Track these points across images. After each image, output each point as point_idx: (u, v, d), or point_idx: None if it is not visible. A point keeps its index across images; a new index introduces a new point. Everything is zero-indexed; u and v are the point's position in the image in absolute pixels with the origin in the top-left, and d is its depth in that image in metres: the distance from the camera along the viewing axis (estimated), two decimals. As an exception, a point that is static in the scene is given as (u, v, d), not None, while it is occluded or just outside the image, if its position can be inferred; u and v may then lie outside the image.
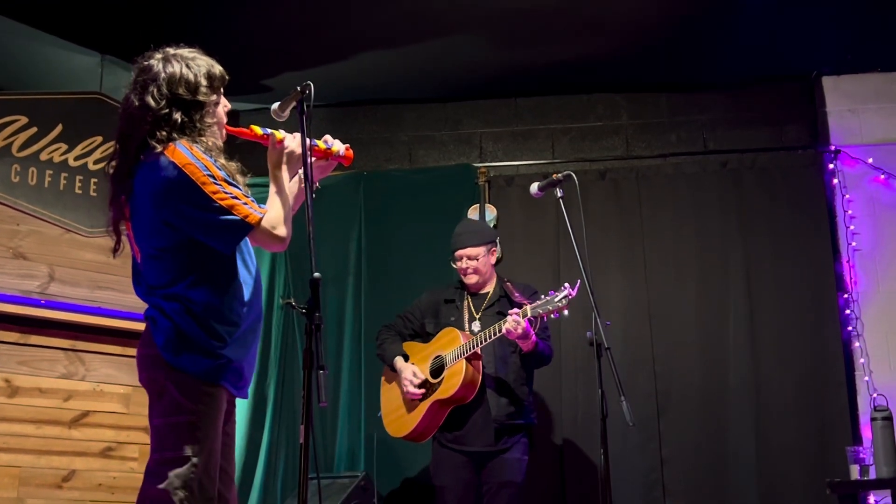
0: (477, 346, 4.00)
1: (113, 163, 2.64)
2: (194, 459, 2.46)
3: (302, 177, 2.74)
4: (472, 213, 5.35)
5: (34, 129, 4.76)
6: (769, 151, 5.30)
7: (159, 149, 2.50)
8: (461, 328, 4.18)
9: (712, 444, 4.91)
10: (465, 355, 4.01)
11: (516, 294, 4.12)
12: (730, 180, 5.26)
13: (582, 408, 5.00)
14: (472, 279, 4.25)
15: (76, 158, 4.86)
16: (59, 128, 4.82)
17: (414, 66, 5.25)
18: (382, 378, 4.42)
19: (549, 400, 5.09)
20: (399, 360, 4.24)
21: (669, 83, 5.53)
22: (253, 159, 2.78)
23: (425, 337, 4.32)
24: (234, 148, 2.74)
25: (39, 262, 4.68)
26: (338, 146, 2.81)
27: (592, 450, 4.89)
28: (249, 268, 2.68)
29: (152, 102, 2.54)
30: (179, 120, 2.55)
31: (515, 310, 3.87)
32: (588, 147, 5.56)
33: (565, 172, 3.65)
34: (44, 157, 4.78)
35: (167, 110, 2.54)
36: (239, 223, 2.50)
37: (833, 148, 5.19)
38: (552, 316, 3.80)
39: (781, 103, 5.44)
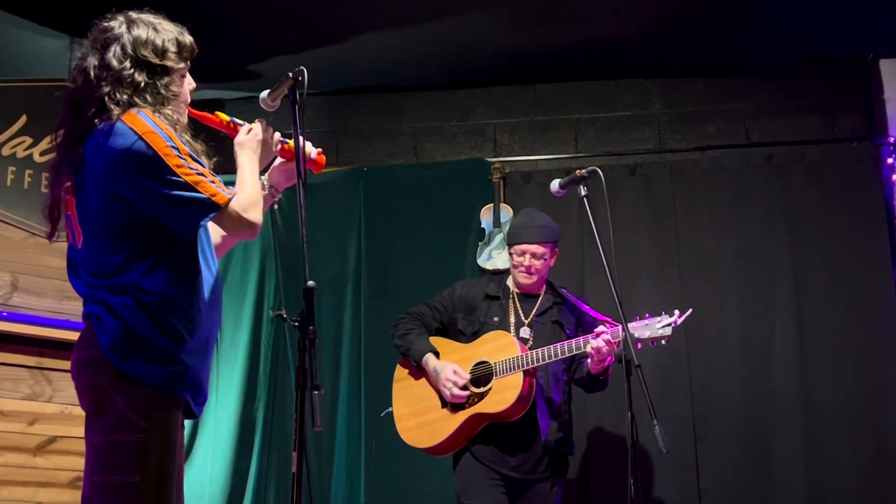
0: (543, 360, 3.83)
1: (60, 131, 2.55)
2: (144, 487, 2.34)
3: (264, 182, 2.80)
4: (486, 213, 5.37)
5: (-5, 121, 4.79)
6: (820, 144, 5.32)
7: (117, 112, 2.44)
8: (506, 331, 4.05)
9: (756, 473, 4.88)
10: (525, 368, 3.85)
11: (585, 307, 4.02)
12: (775, 176, 5.25)
13: (610, 433, 4.99)
14: (531, 279, 4.07)
15: (42, 153, 4.86)
16: (24, 119, 4.86)
17: (419, 48, 5.26)
18: (399, 372, 4.21)
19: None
20: (431, 358, 4.04)
21: (707, 67, 5.53)
22: (223, 154, 2.74)
23: (455, 334, 4.15)
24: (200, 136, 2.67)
25: (0, 269, 4.68)
26: (309, 148, 2.80)
27: (621, 479, 4.77)
28: (210, 266, 2.61)
29: (115, 62, 2.49)
30: (143, 83, 2.51)
31: (603, 329, 3.73)
32: (616, 139, 5.57)
33: (590, 168, 3.65)
34: (6, 151, 4.81)
35: (131, 71, 2.50)
36: (204, 201, 2.43)
37: (892, 140, 5.18)
38: (650, 344, 3.69)
39: (833, 89, 5.42)
